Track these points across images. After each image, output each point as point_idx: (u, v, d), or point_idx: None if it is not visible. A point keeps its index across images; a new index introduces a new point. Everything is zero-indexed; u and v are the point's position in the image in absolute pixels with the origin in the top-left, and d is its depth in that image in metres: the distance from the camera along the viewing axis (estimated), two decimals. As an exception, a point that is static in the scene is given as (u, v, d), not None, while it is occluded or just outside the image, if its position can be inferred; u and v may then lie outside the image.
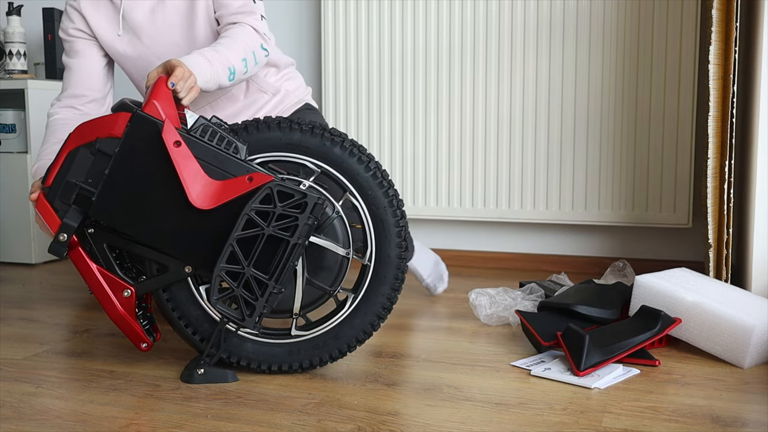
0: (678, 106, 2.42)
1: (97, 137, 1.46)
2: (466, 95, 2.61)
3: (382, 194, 1.54)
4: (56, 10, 2.94)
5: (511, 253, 2.74)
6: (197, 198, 1.43)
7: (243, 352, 1.57)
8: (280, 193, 1.44)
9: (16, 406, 1.42)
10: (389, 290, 1.57)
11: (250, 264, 1.44)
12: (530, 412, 1.38)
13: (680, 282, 1.78)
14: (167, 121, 1.43)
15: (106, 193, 1.46)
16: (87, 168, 1.47)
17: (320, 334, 1.57)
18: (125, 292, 1.51)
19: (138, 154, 1.44)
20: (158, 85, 1.48)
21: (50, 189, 1.49)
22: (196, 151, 1.44)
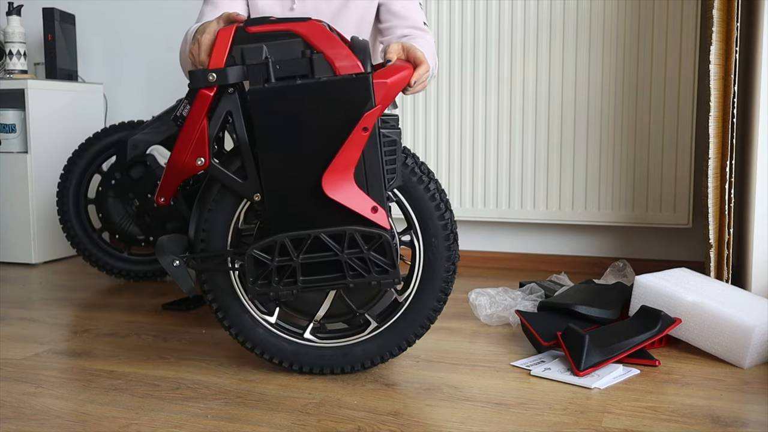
0: (678, 106, 2.42)
1: (321, 50, 1.37)
2: (466, 95, 2.61)
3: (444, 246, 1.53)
4: (56, 10, 2.94)
5: (511, 253, 2.74)
6: (327, 179, 1.38)
7: (253, 336, 1.56)
8: (381, 245, 1.41)
9: (16, 406, 1.42)
10: (412, 332, 1.57)
11: (303, 260, 1.42)
12: (530, 412, 1.38)
13: (680, 282, 1.78)
14: (377, 109, 1.36)
15: (280, 93, 1.37)
16: (287, 58, 1.37)
17: (329, 346, 1.57)
18: (199, 160, 1.44)
19: (331, 101, 1.36)
20: (401, 70, 1.40)
21: (246, 35, 1.39)
22: (368, 150, 1.39)
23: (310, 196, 1.40)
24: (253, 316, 1.56)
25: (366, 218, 1.40)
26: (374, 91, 1.36)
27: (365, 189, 1.40)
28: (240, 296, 1.55)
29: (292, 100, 1.37)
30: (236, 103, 1.42)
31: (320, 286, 1.45)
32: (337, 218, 1.40)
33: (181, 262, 1.50)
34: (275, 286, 1.44)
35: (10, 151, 2.83)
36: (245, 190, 1.44)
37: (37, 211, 2.83)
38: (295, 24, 1.39)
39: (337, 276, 1.44)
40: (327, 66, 1.37)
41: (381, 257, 1.42)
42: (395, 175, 1.44)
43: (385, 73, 1.38)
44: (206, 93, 1.40)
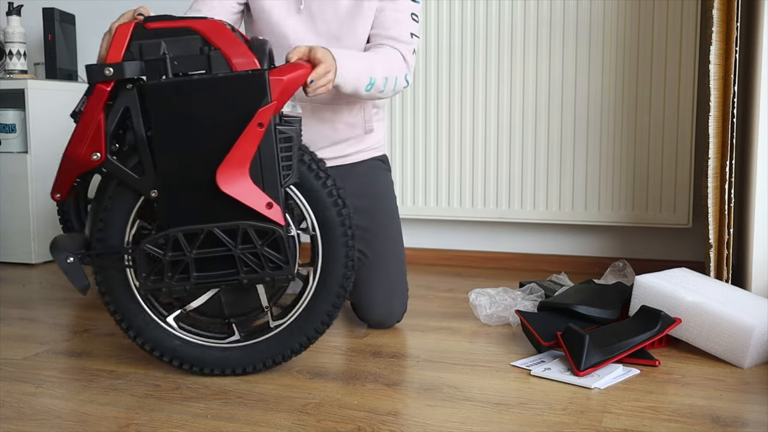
0: (678, 106, 2.42)
1: (218, 47, 1.40)
2: (466, 95, 2.61)
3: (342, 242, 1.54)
4: (56, 10, 2.94)
5: (511, 253, 2.74)
6: (221, 174, 1.39)
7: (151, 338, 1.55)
8: (275, 241, 1.42)
9: (16, 406, 1.42)
10: (313, 327, 1.56)
11: (196, 255, 1.42)
12: (530, 412, 1.38)
13: (680, 282, 1.78)
14: (272, 106, 1.38)
15: (176, 88, 1.38)
16: (185, 54, 1.41)
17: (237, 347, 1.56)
18: (95, 155, 1.44)
19: (226, 97, 1.38)
20: (298, 68, 1.43)
21: (145, 31, 1.40)
22: (264, 146, 1.40)
23: (205, 191, 1.41)
24: (150, 316, 1.55)
25: (260, 214, 1.41)
26: (270, 88, 1.38)
27: (261, 185, 1.41)
28: (136, 296, 1.54)
29: (189, 95, 1.38)
30: (134, 99, 1.42)
31: (214, 281, 1.45)
32: (232, 214, 1.41)
33: (76, 259, 1.49)
34: (168, 281, 1.44)
35: (10, 151, 2.83)
36: (142, 186, 1.45)
37: (37, 211, 2.83)
38: (194, 21, 1.42)
39: (230, 272, 1.44)
40: (224, 63, 1.40)
41: (275, 253, 1.43)
42: (291, 172, 1.45)
43: (281, 71, 1.41)
44: (103, 87, 1.41)
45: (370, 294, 1.88)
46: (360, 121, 1.92)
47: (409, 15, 1.83)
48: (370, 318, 1.91)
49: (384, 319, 1.90)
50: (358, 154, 1.95)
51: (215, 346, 1.56)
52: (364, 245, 1.89)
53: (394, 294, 1.90)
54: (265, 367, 1.57)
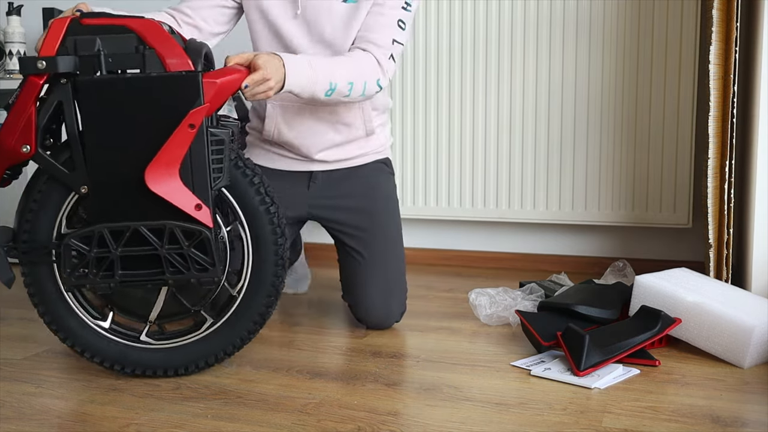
0: (678, 106, 2.42)
1: (153, 47, 1.40)
2: (466, 95, 2.61)
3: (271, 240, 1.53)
4: (56, 9, 2.94)
5: (511, 253, 2.74)
6: (151, 175, 1.38)
7: (82, 340, 1.54)
8: (202, 242, 1.42)
9: (16, 406, 1.42)
10: (245, 328, 1.55)
11: (121, 252, 1.42)
12: (530, 412, 1.38)
13: (680, 282, 1.78)
14: (204, 108, 1.38)
15: (108, 85, 1.38)
16: (119, 52, 1.41)
17: (168, 347, 1.56)
18: (25, 148, 1.43)
19: (159, 96, 1.38)
20: (233, 72, 1.44)
21: (81, 27, 1.40)
22: (195, 146, 1.40)
23: (134, 189, 1.40)
24: (81, 318, 1.54)
25: (189, 215, 1.41)
26: (203, 90, 1.38)
27: (191, 186, 1.41)
28: (66, 297, 1.53)
29: (121, 93, 1.39)
30: (68, 94, 1.42)
31: (139, 280, 1.45)
32: (160, 213, 1.41)
33: (2, 251, 1.49)
34: (92, 278, 1.43)
35: (10, 151, 2.83)
36: (72, 181, 1.45)
37: (37, 211, 2.82)
38: (131, 20, 1.42)
39: (156, 272, 1.44)
40: (158, 62, 1.40)
41: (201, 254, 1.43)
42: (222, 175, 1.45)
43: (216, 74, 1.41)
44: (35, 80, 1.41)
45: (367, 295, 1.88)
46: (359, 122, 1.91)
47: (396, 21, 1.81)
48: (368, 319, 1.91)
49: (381, 321, 1.90)
50: (362, 157, 1.95)
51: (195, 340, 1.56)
52: (362, 245, 1.89)
53: (392, 295, 1.90)
54: (197, 369, 1.56)
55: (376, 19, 1.80)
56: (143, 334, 1.56)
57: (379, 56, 1.77)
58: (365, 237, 1.89)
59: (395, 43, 1.80)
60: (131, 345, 1.56)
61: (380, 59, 1.77)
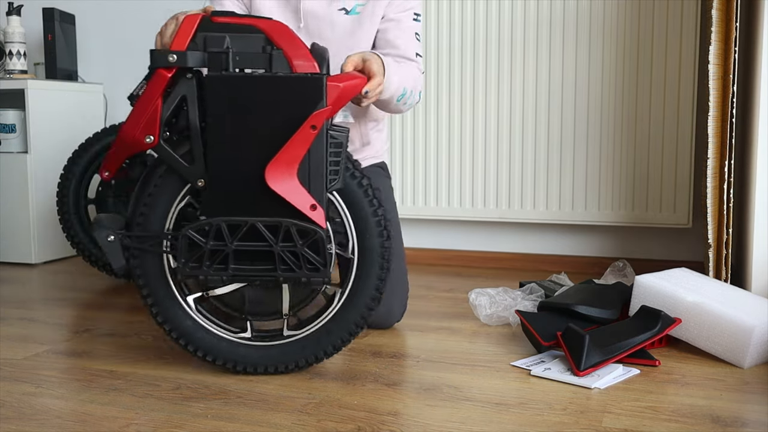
0: (678, 106, 2.42)
1: (281, 47, 1.42)
2: (466, 95, 2.61)
3: (356, 185, 1.54)
4: (56, 10, 2.94)
5: (511, 253, 2.74)
6: (270, 171, 1.40)
7: (180, 327, 1.55)
8: (315, 242, 1.44)
9: (16, 406, 1.42)
10: (376, 280, 1.56)
11: (236, 246, 1.44)
12: (530, 412, 1.38)
13: (680, 282, 1.78)
14: (327, 110, 1.40)
15: (236, 82, 1.40)
16: (247, 51, 1.43)
17: (312, 332, 1.57)
18: (148, 138, 1.46)
19: (284, 97, 1.40)
20: (355, 78, 1.46)
21: (212, 24, 1.43)
22: (314, 147, 1.42)
23: (253, 185, 1.43)
24: (183, 307, 1.55)
25: (304, 214, 1.43)
26: (327, 93, 1.40)
27: (307, 186, 1.43)
28: (171, 285, 1.54)
29: (248, 91, 1.41)
30: (193, 89, 1.45)
31: (250, 276, 1.46)
32: (276, 210, 1.43)
33: (117, 239, 1.51)
34: (206, 269, 1.45)
35: (10, 151, 2.83)
36: (190, 174, 1.47)
37: (37, 211, 2.83)
38: (260, 20, 1.45)
39: (268, 268, 1.46)
40: (285, 63, 1.43)
41: (314, 254, 1.44)
42: (338, 177, 1.47)
43: (339, 78, 1.44)
44: (164, 73, 1.44)
45: None
46: (356, 135, 1.94)
47: (414, 34, 1.86)
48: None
49: (382, 320, 1.90)
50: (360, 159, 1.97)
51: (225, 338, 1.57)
52: None
53: (394, 294, 1.90)
54: (266, 372, 1.57)
55: (398, 34, 1.83)
56: (191, 296, 1.57)
57: (418, 68, 1.83)
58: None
59: (418, 56, 1.86)
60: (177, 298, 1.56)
61: (419, 71, 1.83)
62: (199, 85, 1.45)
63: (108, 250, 1.51)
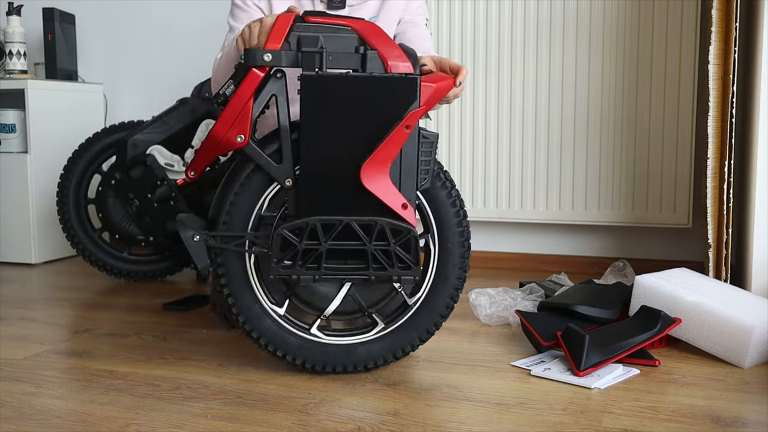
0: (678, 106, 2.42)
1: (375, 48, 1.43)
2: (466, 95, 2.61)
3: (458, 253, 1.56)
4: (56, 10, 2.94)
5: (511, 253, 2.74)
6: (366, 170, 1.41)
7: (259, 326, 1.55)
8: (408, 241, 1.45)
9: (16, 406, 1.42)
10: (418, 335, 1.58)
11: (330, 246, 1.45)
12: (530, 412, 1.38)
13: (680, 282, 1.78)
14: (421, 110, 1.42)
15: (330, 82, 1.41)
16: (341, 51, 1.43)
17: (334, 344, 1.57)
18: (239, 138, 1.47)
19: (378, 97, 1.41)
20: (446, 82, 1.47)
21: (305, 24, 1.44)
22: (407, 147, 1.43)
23: (347, 184, 1.43)
24: (263, 305, 1.55)
25: (396, 213, 1.44)
26: (421, 93, 1.42)
27: (398, 185, 1.44)
28: (252, 283, 1.54)
29: (342, 90, 1.41)
30: (282, 88, 1.46)
31: (342, 274, 1.47)
32: (369, 209, 1.44)
33: (201, 238, 1.52)
34: (299, 269, 1.46)
35: (10, 151, 2.83)
36: (278, 173, 1.48)
37: (37, 211, 2.83)
38: (353, 21, 1.46)
39: (360, 267, 1.47)
40: (379, 63, 1.43)
41: (406, 253, 1.46)
42: (427, 177, 1.49)
43: (432, 78, 1.45)
44: (257, 72, 1.45)
45: None
46: None
47: (428, 34, 1.88)
48: None
49: None
50: None
51: (361, 342, 1.57)
52: None
53: None
54: (357, 370, 1.58)
55: (417, 33, 1.84)
56: (314, 326, 1.57)
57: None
58: None
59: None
60: (305, 337, 1.57)
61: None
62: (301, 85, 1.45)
63: (193, 250, 1.52)
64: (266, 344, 1.55)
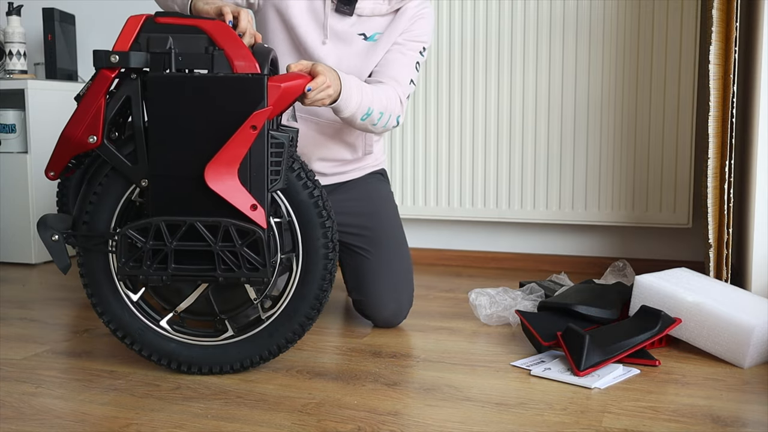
0: (678, 106, 2.42)
1: (222, 48, 1.43)
2: (466, 96, 2.61)
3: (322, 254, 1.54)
4: (56, 10, 2.94)
5: (511, 253, 2.74)
6: (211, 172, 1.41)
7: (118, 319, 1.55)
8: (255, 242, 1.43)
9: (16, 406, 1.42)
10: (275, 343, 1.56)
11: (176, 246, 1.44)
12: (530, 412, 1.38)
13: (680, 282, 1.78)
14: (269, 109, 1.41)
15: (177, 82, 1.42)
16: (190, 51, 1.44)
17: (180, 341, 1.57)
18: (92, 138, 1.46)
19: (225, 97, 1.41)
20: (297, 78, 1.46)
21: (155, 24, 1.44)
22: (255, 147, 1.42)
23: (193, 185, 1.43)
24: (122, 300, 1.55)
25: (244, 214, 1.43)
26: (267, 93, 1.41)
27: (248, 186, 1.43)
28: (112, 274, 1.54)
29: (189, 91, 1.42)
30: (136, 89, 1.46)
31: (190, 275, 1.46)
32: (216, 210, 1.43)
33: (61, 238, 1.51)
34: (146, 269, 1.45)
35: (10, 151, 2.83)
36: (134, 174, 1.47)
37: (37, 211, 2.83)
38: (203, 21, 1.46)
39: (207, 268, 1.46)
40: (226, 63, 1.44)
41: (253, 254, 1.44)
42: (279, 177, 1.46)
43: (280, 79, 1.44)
44: (107, 73, 1.45)
45: (378, 290, 1.89)
46: (360, 143, 1.95)
47: (414, 63, 1.87)
48: (379, 315, 1.91)
49: (392, 316, 1.91)
50: (356, 171, 1.99)
51: (212, 345, 1.57)
52: (368, 243, 1.90)
53: (402, 291, 1.91)
54: (262, 360, 1.57)
55: (397, 58, 1.84)
56: (164, 320, 1.57)
57: (401, 94, 1.83)
58: (371, 235, 1.90)
59: (411, 83, 1.86)
60: (149, 326, 1.57)
61: (401, 97, 1.83)
62: (143, 85, 1.46)
63: (54, 250, 1.52)
64: (115, 329, 1.56)
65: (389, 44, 1.85)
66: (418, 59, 1.88)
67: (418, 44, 1.87)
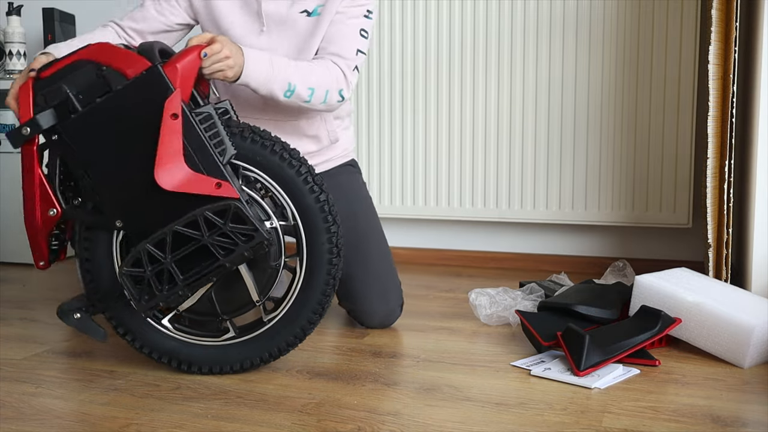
0: (678, 106, 2.42)
1: (109, 64, 1.42)
2: (466, 95, 2.61)
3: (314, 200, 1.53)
4: (56, 10, 2.94)
5: (511, 253, 2.74)
6: (162, 175, 1.40)
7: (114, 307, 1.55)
8: (236, 214, 1.42)
9: (16, 406, 1.42)
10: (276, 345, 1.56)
11: (173, 259, 1.43)
12: (530, 412, 1.38)
13: (680, 282, 1.78)
14: (177, 92, 1.40)
15: (88, 118, 1.41)
16: (84, 85, 1.43)
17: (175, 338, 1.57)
18: (51, 211, 1.47)
19: (134, 104, 1.41)
20: (189, 51, 1.45)
21: (42, 81, 1.44)
22: (187, 133, 1.41)
23: (155, 196, 1.42)
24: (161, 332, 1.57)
25: (214, 197, 1.42)
26: (169, 78, 1.40)
27: (201, 170, 1.42)
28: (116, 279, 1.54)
29: (102, 119, 1.42)
30: (64, 145, 1.45)
31: (201, 276, 1.45)
32: (188, 207, 1.42)
33: (82, 314, 1.52)
34: (160, 294, 1.44)
35: (10, 151, 2.83)
36: (105, 222, 1.48)
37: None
38: (82, 52, 1.45)
39: (211, 261, 1.44)
40: (119, 75, 1.42)
41: (240, 226, 1.43)
42: (225, 146, 1.46)
43: (174, 60, 1.43)
44: (29, 148, 1.47)
45: (368, 299, 1.88)
46: (324, 133, 1.91)
47: (358, 31, 1.80)
48: (372, 321, 1.91)
49: (385, 318, 1.91)
50: (325, 163, 1.95)
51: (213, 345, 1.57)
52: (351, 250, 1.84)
53: (389, 291, 1.91)
54: (263, 362, 1.57)
55: (339, 29, 1.78)
56: (166, 318, 1.57)
57: (344, 67, 1.76)
58: (353, 241, 1.85)
59: (359, 53, 1.79)
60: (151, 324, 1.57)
61: (345, 71, 1.76)
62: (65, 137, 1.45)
63: (83, 328, 1.53)
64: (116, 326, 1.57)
65: (333, 14, 1.79)
66: (362, 26, 1.80)
67: (360, 8, 1.80)
